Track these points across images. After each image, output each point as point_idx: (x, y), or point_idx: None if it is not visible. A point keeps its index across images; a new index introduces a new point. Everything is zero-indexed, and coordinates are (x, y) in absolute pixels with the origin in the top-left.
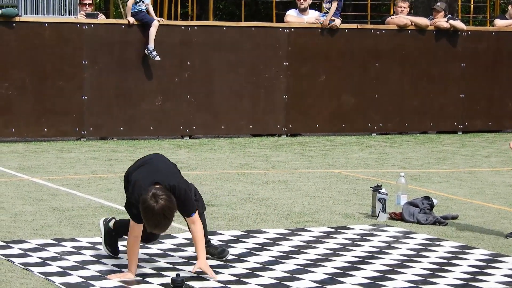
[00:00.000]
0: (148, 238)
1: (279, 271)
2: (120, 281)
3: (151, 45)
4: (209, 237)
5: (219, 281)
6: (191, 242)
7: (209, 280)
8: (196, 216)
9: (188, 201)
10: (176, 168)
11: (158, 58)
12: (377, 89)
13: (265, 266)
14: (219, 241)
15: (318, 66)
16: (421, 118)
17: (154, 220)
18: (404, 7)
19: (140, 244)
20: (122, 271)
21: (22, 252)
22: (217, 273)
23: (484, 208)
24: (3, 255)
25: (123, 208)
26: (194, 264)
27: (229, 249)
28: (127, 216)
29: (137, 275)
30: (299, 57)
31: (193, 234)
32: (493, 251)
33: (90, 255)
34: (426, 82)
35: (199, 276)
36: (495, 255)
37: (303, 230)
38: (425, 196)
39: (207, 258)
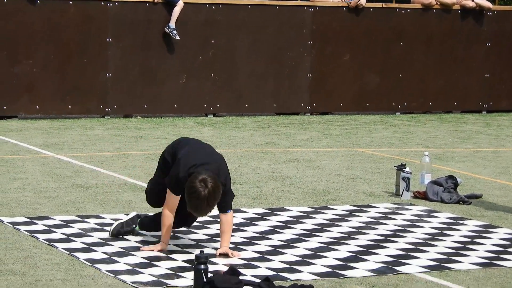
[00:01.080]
0: (180, 223)
1: (302, 248)
2: (145, 257)
3: (172, 24)
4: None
5: (242, 258)
6: (215, 220)
7: (232, 257)
8: (231, 213)
9: (230, 197)
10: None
11: (178, 37)
12: (402, 68)
13: (288, 244)
14: (242, 218)
15: (342, 45)
16: (446, 97)
17: (197, 204)
18: None
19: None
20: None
21: (47, 228)
22: (240, 250)
23: (508, 187)
24: (27, 231)
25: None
26: (218, 241)
27: (253, 227)
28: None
29: (162, 251)
30: (323, 36)
31: (222, 224)
32: None
33: None
34: (451, 61)
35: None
36: None
37: (327, 208)
38: (449, 175)
39: None
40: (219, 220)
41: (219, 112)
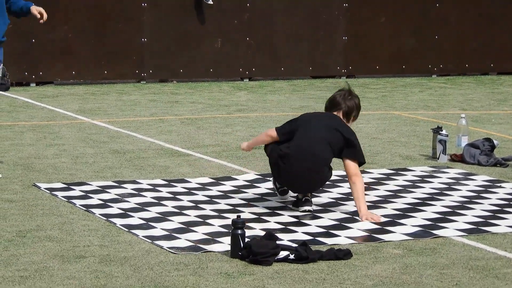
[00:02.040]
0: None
1: (338, 212)
2: (182, 222)
3: None
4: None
5: (279, 222)
6: (251, 184)
7: (269, 222)
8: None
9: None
10: None
11: (211, 2)
12: (437, 30)
13: (325, 208)
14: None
15: (378, 8)
16: (482, 59)
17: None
18: None
19: (200, 186)
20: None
21: (83, 194)
22: (278, 215)
23: None
24: (64, 197)
25: (184, 150)
26: (255, 205)
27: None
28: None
29: (198, 216)
30: None
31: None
32: None
33: (151, 197)
34: (487, 22)
35: (259, 217)
36: None
37: (363, 171)
38: (486, 137)
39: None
40: (256, 185)
41: (255, 76)
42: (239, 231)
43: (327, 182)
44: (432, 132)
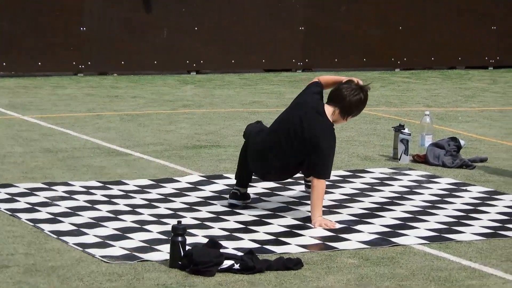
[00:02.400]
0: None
1: (290, 218)
2: (117, 228)
3: None
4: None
5: (224, 229)
6: (194, 187)
7: (213, 228)
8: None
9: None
10: None
11: None
12: (402, 21)
13: (275, 213)
14: (225, 185)
15: None
16: (449, 52)
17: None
18: None
19: (138, 189)
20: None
21: (9, 197)
22: (222, 220)
23: None
24: None
25: (122, 149)
26: (198, 210)
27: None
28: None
29: (135, 221)
30: None
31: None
32: None
33: (84, 201)
34: (455, 13)
35: (202, 223)
36: None
37: None
38: (451, 137)
39: None
40: (199, 187)
41: (203, 69)
42: (180, 238)
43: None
44: (393, 131)
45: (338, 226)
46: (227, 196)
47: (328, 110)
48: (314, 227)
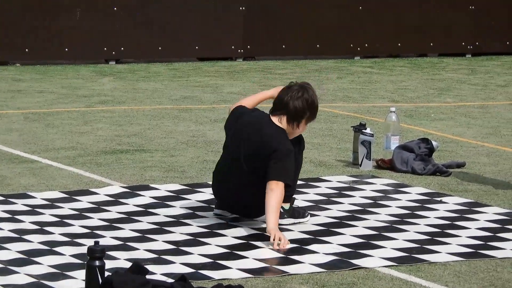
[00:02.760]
0: None
1: (230, 237)
2: (22, 251)
3: None
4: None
5: (150, 250)
6: (115, 200)
7: (137, 249)
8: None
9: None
10: None
11: None
12: (362, 0)
13: (212, 231)
14: (152, 197)
15: None
16: (419, 36)
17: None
18: None
19: (47, 203)
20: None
21: None
22: (149, 240)
23: (500, 153)
24: None
25: (27, 155)
26: (118, 228)
27: (165, 209)
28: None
29: (44, 242)
30: None
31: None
32: (510, 209)
33: None
34: None
35: (125, 244)
36: None
37: None
38: (422, 138)
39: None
40: (121, 201)
41: (124, 57)
42: (97, 262)
43: None
44: (353, 131)
45: (289, 246)
46: (154, 211)
47: (275, 121)
48: (262, 246)
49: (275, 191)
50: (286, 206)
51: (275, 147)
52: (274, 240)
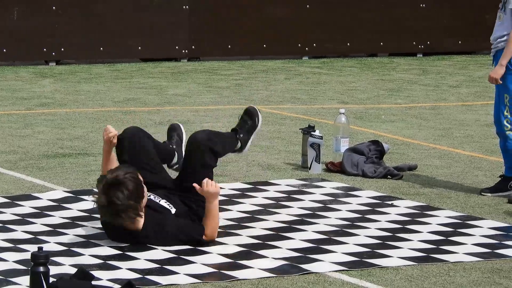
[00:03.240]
0: None
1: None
2: None
3: None
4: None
5: (96, 256)
6: (58, 205)
7: (82, 255)
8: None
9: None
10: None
11: None
12: None
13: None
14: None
15: None
16: (368, 35)
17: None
18: None
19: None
20: None
21: None
22: (94, 245)
23: (452, 155)
24: None
25: None
26: (62, 233)
27: None
28: None
29: None
30: None
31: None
32: (462, 213)
33: None
34: None
35: (69, 249)
36: (465, 218)
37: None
38: (373, 140)
39: None
40: (65, 206)
41: (65, 58)
42: (42, 268)
43: None
44: (301, 133)
45: (236, 249)
46: (98, 215)
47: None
48: (211, 251)
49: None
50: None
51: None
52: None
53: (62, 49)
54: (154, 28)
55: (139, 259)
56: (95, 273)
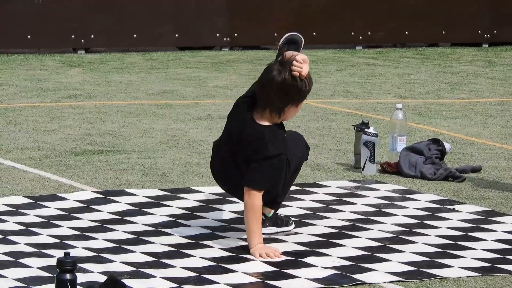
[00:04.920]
0: None
1: (216, 248)
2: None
3: None
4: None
5: (127, 263)
6: (86, 206)
7: (113, 261)
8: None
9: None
10: None
11: None
12: None
13: (197, 242)
14: (128, 203)
15: None
16: (429, 23)
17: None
18: None
19: (10, 209)
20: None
21: None
22: (126, 251)
23: None
24: None
25: None
26: (91, 238)
27: (143, 217)
28: None
29: (8, 253)
30: None
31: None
32: None
33: None
34: None
35: (99, 255)
36: None
37: None
38: (433, 138)
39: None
40: (94, 207)
41: (95, 46)
42: (68, 276)
43: None
44: (354, 131)
45: (283, 258)
46: (131, 219)
47: (257, 117)
48: (254, 258)
49: (247, 204)
50: (269, 213)
51: (254, 148)
52: (261, 257)
53: (92, 36)
54: (192, 14)
55: (175, 266)
56: (127, 281)
